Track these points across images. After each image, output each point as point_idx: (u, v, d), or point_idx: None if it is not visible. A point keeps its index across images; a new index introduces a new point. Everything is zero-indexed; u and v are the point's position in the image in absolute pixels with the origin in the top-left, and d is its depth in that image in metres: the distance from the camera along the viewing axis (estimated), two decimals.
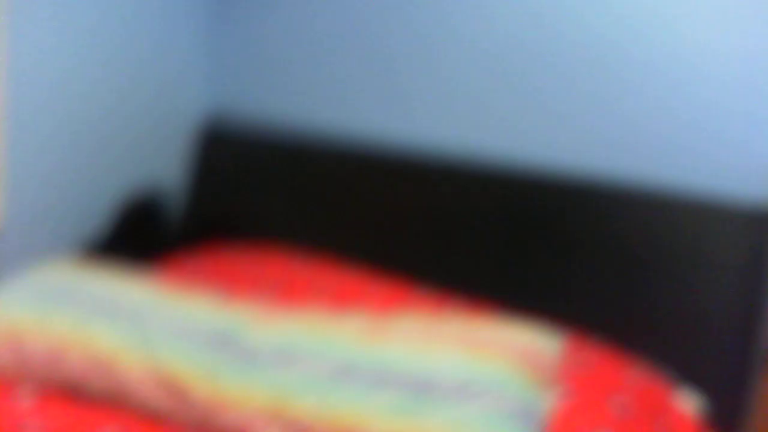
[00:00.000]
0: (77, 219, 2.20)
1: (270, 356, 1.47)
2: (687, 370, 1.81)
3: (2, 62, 1.94)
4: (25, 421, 1.37)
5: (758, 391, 1.80)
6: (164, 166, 2.46)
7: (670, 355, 1.83)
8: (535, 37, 2.06)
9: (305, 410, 1.36)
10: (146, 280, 1.72)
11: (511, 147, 2.10)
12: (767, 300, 1.79)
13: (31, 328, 1.53)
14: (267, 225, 2.35)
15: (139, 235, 2.24)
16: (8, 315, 1.56)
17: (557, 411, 1.48)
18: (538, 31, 2.05)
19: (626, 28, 1.96)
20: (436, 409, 1.33)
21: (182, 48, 2.46)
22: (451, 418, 1.31)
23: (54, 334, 1.51)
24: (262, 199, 2.36)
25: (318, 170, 2.29)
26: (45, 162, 2.10)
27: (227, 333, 1.52)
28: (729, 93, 1.87)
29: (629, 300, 1.89)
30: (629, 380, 1.66)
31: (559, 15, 2.03)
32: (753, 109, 1.85)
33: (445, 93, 2.18)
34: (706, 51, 1.88)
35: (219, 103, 2.54)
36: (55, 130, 2.12)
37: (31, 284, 1.67)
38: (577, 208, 1.95)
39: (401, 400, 1.35)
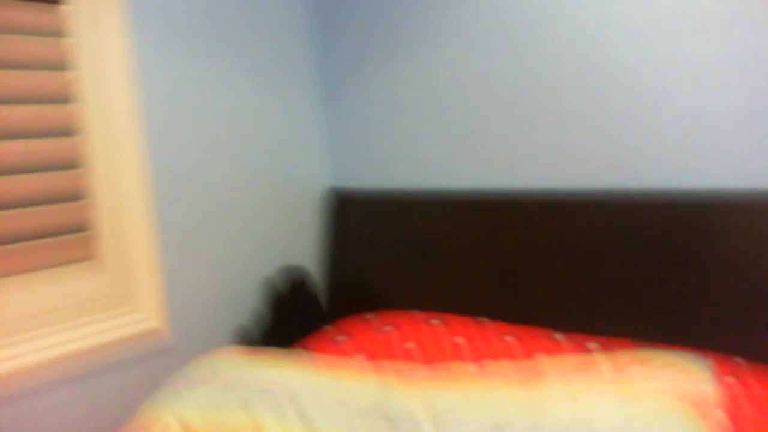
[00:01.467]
0: (232, 307, 2.39)
1: (426, 420, 1.51)
2: None
3: (147, 170, 2.13)
4: None
5: None
6: (301, 244, 2.65)
7: None
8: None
9: None
10: (300, 359, 1.81)
11: (619, 177, 2.12)
12: None
13: (201, 420, 1.63)
14: (396, 285, 2.45)
15: (288, 312, 2.37)
16: (178, 409, 1.68)
17: None
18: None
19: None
20: None
21: (304, 131, 2.69)
22: None
23: (222, 422, 1.61)
24: (389, 259, 2.48)
25: (436, 224, 2.39)
26: (195, 262, 2.30)
27: (382, 404, 1.58)
28: None
29: (760, 315, 1.84)
30: None
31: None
32: None
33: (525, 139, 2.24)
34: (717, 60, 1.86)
35: (340, 178, 2.75)
36: (200, 229, 2.33)
37: (194, 377, 1.79)
38: (691, 226, 1.93)
39: None
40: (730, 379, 1.64)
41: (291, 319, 2.37)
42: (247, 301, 2.42)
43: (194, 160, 2.29)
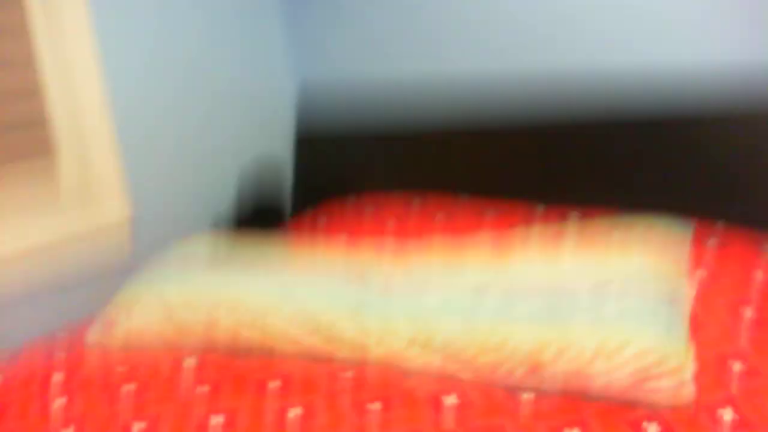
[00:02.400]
0: (204, 198, 2.36)
1: (407, 288, 1.52)
2: None
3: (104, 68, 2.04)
4: (193, 384, 1.47)
5: None
6: (270, 139, 2.58)
7: None
8: None
9: (449, 330, 1.39)
10: (278, 243, 1.81)
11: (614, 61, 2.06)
12: None
13: (182, 297, 1.64)
14: (369, 176, 2.42)
15: (261, 206, 2.34)
16: (159, 289, 1.68)
17: (699, 292, 1.47)
18: None
19: None
20: (578, 310, 1.34)
21: (271, 32, 2.58)
22: (596, 316, 1.31)
23: (204, 299, 1.62)
24: (361, 151, 2.44)
25: (408, 118, 2.33)
26: (164, 152, 2.25)
27: (363, 274, 1.59)
28: None
29: (754, 179, 1.83)
30: (764, 256, 1.62)
31: None
32: None
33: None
34: None
35: (309, 73, 2.64)
36: (169, 121, 2.26)
37: (173, 259, 1.79)
38: (686, 100, 1.89)
39: (542, 306, 1.37)
40: (711, 241, 1.65)
41: (265, 209, 2.35)
42: (220, 193, 2.38)
43: (157, 50, 2.19)
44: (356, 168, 2.46)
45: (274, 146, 2.59)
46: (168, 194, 2.24)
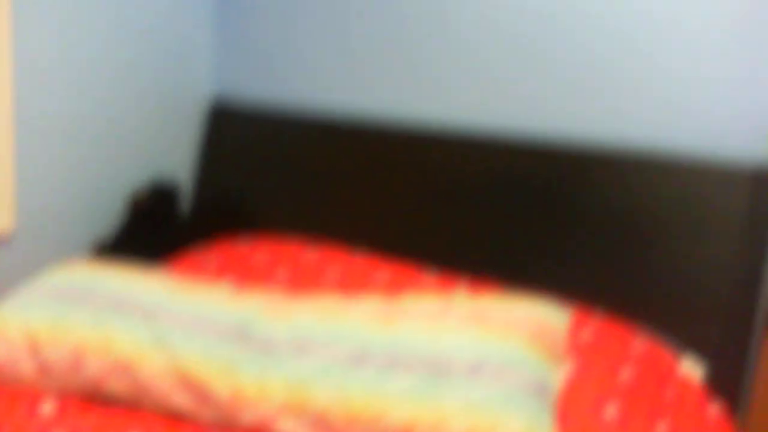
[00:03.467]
0: (90, 216, 2.23)
1: (286, 347, 1.50)
2: (689, 337, 1.86)
3: (9, 63, 1.94)
4: (49, 428, 1.39)
5: (759, 358, 1.85)
6: (173, 153, 2.49)
7: (672, 323, 1.88)
8: (528, 9, 2.08)
9: (324, 400, 1.38)
10: (160, 277, 1.74)
11: (509, 117, 2.13)
12: (767, 260, 1.83)
13: (49, 333, 1.55)
14: (272, 206, 2.39)
15: (151, 227, 2.26)
16: (25, 320, 1.58)
17: (568, 383, 1.52)
18: (533, 6, 2.08)
19: None
20: (452, 389, 1.36)
21: (188, 34, 2.48)
22: (468, 398, 1.34)
23: (72, 338, 1.53)
24: (265, 179, 2.41)
25: (321, 148, 2.33)
26: (54, 161, 2.12)
27: (242, 326, 1.55)
28: (726, 57, 1.89)
29: (630, 268, 1.94)
30: (635, 350, 1.70)
31: None
32: (751, 72, 1.88)
33: (444, 67, 2.21)
34: (704, 15, 1.90)
35: (224, 87, 2.58)
36: (63, 127, 2.13)
37: (45, 288, 1.69)
38: (576, 176, 1.98)
39: (418, 383, 1.38)
40: (585, 333, 1.72)
41: (155, 236, 2.26)
42: (107, 213, 2.27)
43: (62, 50, 2.07)
44: (258, 198, 2.41)
45: (175, 164, 2.50)
46: (51, 210, 2.12)
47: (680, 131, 1.95)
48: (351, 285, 1.93)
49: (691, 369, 1.76)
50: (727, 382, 1.84)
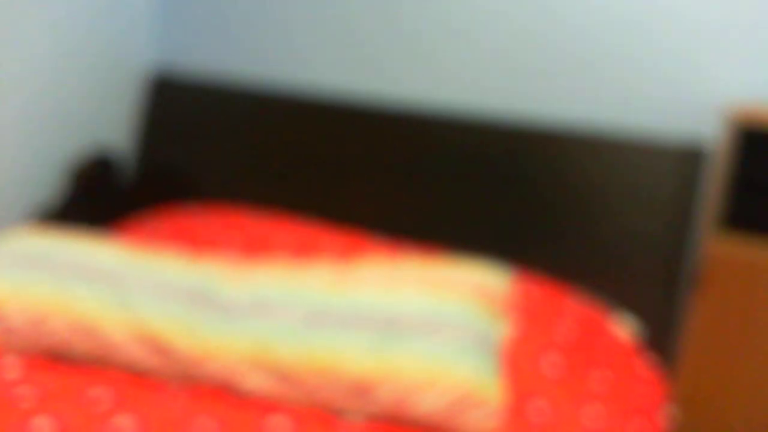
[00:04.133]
0: (31, 184, 2.22)
1: (245, 308, 1.56)
2: (622, 297, 2.00)
3: None
4: (14, 389, 1.42)
5: (688, 314, 2.01)
6: (114, 123, 2.47)
7: (606, 284, 2.02)
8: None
9: (284, 355, 1.46)
10: (114, 243, 1.78)
11: (455, 95, 2.24)
12: (694, 230, 1.99)
13: (10, 296, 1.57)
14: (214, 178, 2.43)
15: (94, 196, 2.26)
16: None
17: (510, 339, 1.63)
18: None
19: None
20: (404, 343, 1.46)
21: (130, 2, 2.47)
22: (420, 350, 1.44)
23: (34, 301, 1.56)
24: (208, 151, 2.44)
25: (263, 118, 2.38)
26: None
27: (201, 289, 1.61)
28: (661, 35, 2.03)
29: (573, 236, 2.07)
30: (570, 308, 1.83)
31: None
32: (686, 49, 2.02)
33: (404, 46, 2.29)
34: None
35: (166, 57, 2.59)
36: (1, 94, 2.10)
37: (0, 254, 1.70)
38: (528, 153, 2.10)
39: (373, 338, 1.47)
40: (525, 291, 1.84)
41: (96, 204, 2.26)
42: (49, 181, 2.26)
43: (1, 17, 2.05)
44: (201, 170, 2.44)
45: (116, 134, 2.49)
46: None
47: (621, 114, 2.09)
48: (302, 251, 2.00)
49: (624, 327, 1.90)
50: (659, 339, 1.99)
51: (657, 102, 2.05)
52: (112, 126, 2.47)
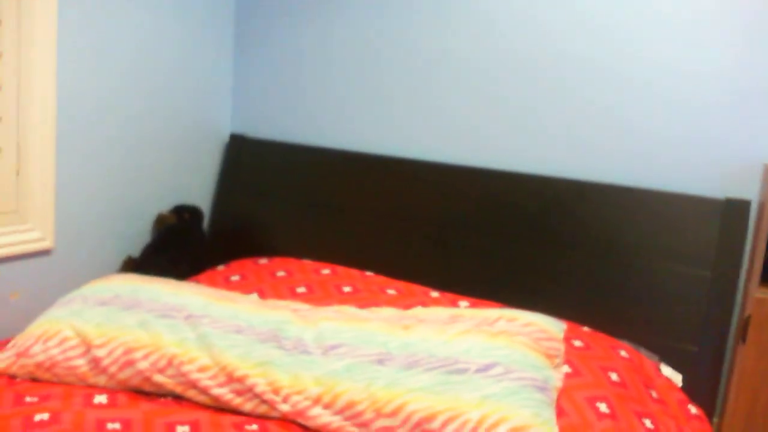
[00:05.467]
0: (121, 235, 2.43)
1: (315, 348, 1.67)
2: (668, 351, 2.07)
3: (53, 97, 2.12)
4: (105, 418, 1.54)
5: (732, 369, 2.06)
6: (195, 182, 2.72)
7: (652, 338, 2.09)
8: (513, 59, 2.32)
9: (352, 392, 1.56)
10: (194, 287, 1.91)
11: (498, 157, 2.37)
12: (738, 284, 2.06)
13: (99, 333, 1.71)
14: (282, 238, 2.59)
15: (175, 246, 2.43)
16: (76, 323, 1.74)
17: (565, 383, 1.71)
18: (515, 53, 2.32)
19: (601, 53, 2.23)
20: (467, 385, 1.54)
21: (211, 78, 2.75)
22: (482, 392, 1.52)
23: (121, 338, 1.70)
24: (279, 206, 2.63)
25: (325, 179, 2.56)
26: (90, 185, 2.31)
27: (274, 330, 1.73)
28: (694, 109, 2.15)
29: (617, 288, 2.16)
30: (621, 356, 1.90)
31: (542, 41, 2.30)
32: (711, 119, 2.13)
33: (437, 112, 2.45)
34: (675, 72, 2.16)
35: (239, 125, 2.84)
36: (98, 155, 2.33)
37: (90, 296, 1.85)
38: (568, 207, 2.21)
39: (436, 379, 1.56)
40: (577, 342, 1.92)
41: (178, 255, 2.44)
42: (137, 234, 2.47)
43: (104, 87, 2.30)
44: (271, 228, 2.62)
45: (196, 194, 2.71)
46: (85, 229, 2.30)
47: (662, 171, 2.20)
48: (364, 299, 2.11)
49: (670, 376, 1.96)
50: (702, 392, 2.04)
51: (703, 160, 2.15)
52: (195, 183, 2.72)
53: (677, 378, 2.00)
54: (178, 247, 2.42)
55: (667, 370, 1.99)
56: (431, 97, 2.46)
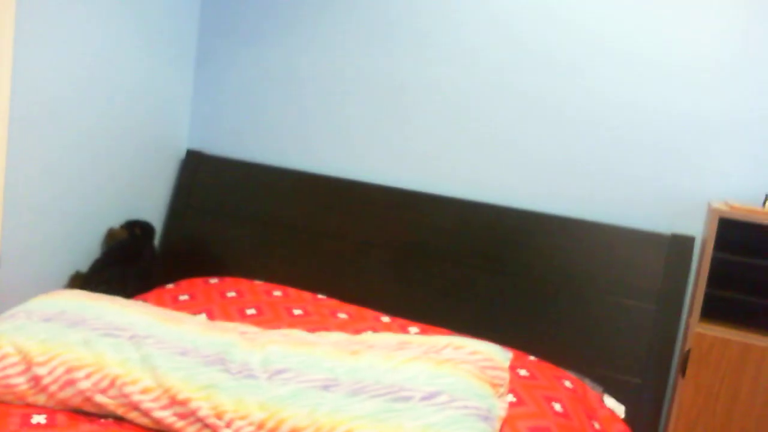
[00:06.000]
0: (70, 249, 2.38)
1: (261, 372, 1.67)
2: (612, 378, 2.11)
3: (5, 108, 2.09)
4: None
5: (673, 401, 2.11)
6: (147, 197, 2.68)
7: (596, 368, 2.13)
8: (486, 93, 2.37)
9: (298, 419, 1.55)
10: (141, 306, 1.89)
11: (458, 184, 2.40)
12: (681, 318, 2.11)
13: (41, 351, 1.67)
14: (234, 257, 2.57)
15: (125, 262, 2.40)
16: (17, 339, 1.70)
17: (509, 412, 1.73)
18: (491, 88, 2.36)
19: (558, 90, 2.28)
20: (411, 413, 1.55)
21: (169, 95, 2.72)
22: (426, 421, 1.53)
23: (64, 356, 1.66)
24: (231, 226, 2.60)
25: (275, 195, 2.55)
26: (39, 197, 2.26)
27: (220, 353, 1.71)
28: (644, 147, 2.21)
29: (566, 318, 2.19)
30: (565, 386, 1.93)
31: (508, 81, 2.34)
32: (661, 158, 2.20)
33: (407, 137, 2.47)
34: (628, 111, 2.22)
35: (196, 143, 2.83)
36: (49, 166, 2.29)
37: (34, 311, 1.81)
38: (520, 238, 2.24)
39: (381, 406, 1.57)
40: (522, 371, 1.94)
41: (128, 271, 2.41)
42: (87, 249, 2.43)
43: (56, 99, 2.26)
44: (224, 247, 2.60)
45: (149, 210, 2.68)
46: (33, 241, 2.26)
47: (613, 206, 2.25)
48: (314, 322, 2.11)
49: (613, 406, 2.00)
50: (644, 424, 2.08)
51: (652, 197, 2.21)
52: (147, 199, 2.68)
53: (620, 409, 2.03)
54: (128, 263, 2.39)
55: (610, 401, 2.03)
56: (392, 123, 2.49)
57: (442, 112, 2.42)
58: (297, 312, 2.18)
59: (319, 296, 2.34)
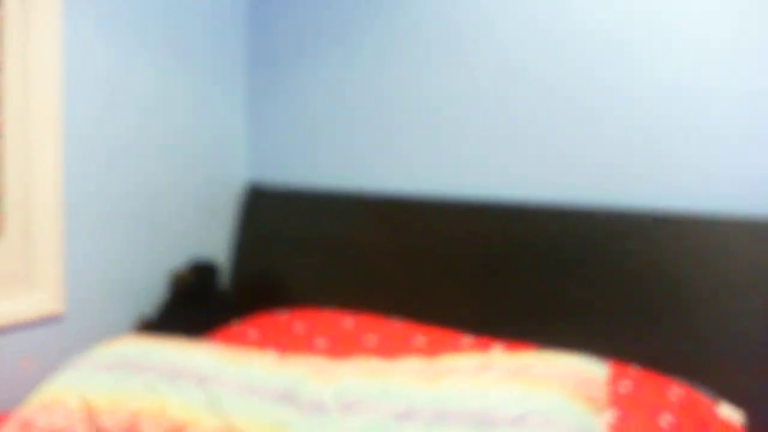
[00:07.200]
0: (134, 294, 2.35)
1: (333, 407, 1.54)
2: (727, 388, 1.88)
3: (60, 155, 2.07)
4: None
5: None
6: (211, 235, 2.64)
7: (707, 372, 1.90)
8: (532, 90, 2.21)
9: None
10: (207, 347, 1.81)
11: (556, 188, 2.24)
12: None
13: (105, 401, 1.61)
14: (305, 280, 2.48)
15: (192, 304, 2.34)
16: (81, 390, 1.64)
17: (610, 431, 1.55)
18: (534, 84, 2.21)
19: (635, 81, 2.10)
20: None
21: (225, 130, 2.69)
22: None
23: (127, 405, 1.59)
24: (297, 257, 2.52)
25: (345, 224, 2.44)
26: (100, 244, 2.24)
27: (290, 389, 1.60)
28: (733, 127, 2.00)
29: (666, 323, 1.98)
30: (673, 398, 1.73)
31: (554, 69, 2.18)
32: (749, 137, 1.98)
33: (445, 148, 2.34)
34: (708, 91, 2.02)
35: (256, 175, 2.77)
36: (108, 213, 2.27)
37: (98, 360, 1.75)
38: (614, 239, 2.05)
39: None
40: (624, 383, 1.75)
41: (196, 312, 2.35)
42: (151, 292, 2.38)
43: (114, 145, 2.26)
44: (290, 278, 2.51)
45: (213, 245, 2.62)
46: (97, 290, 2.23)
47: (709, 194, 2.03)
48: (390, 349, 1.98)
49: (729, 416, 1.78)
50: (765, 428, 1.85)
51: (749, 183, 1.99)
52: (210, 236, 2.63)
53: (737, 416, 1.81)
54: (193, 305, 2.32)
55: (725, 409, 1.81)
56: (451, 137, 2.35)
57: (497, 118, 2.26)
58: (370, 340, 2.05)
59: (393, 321, 2.21)
